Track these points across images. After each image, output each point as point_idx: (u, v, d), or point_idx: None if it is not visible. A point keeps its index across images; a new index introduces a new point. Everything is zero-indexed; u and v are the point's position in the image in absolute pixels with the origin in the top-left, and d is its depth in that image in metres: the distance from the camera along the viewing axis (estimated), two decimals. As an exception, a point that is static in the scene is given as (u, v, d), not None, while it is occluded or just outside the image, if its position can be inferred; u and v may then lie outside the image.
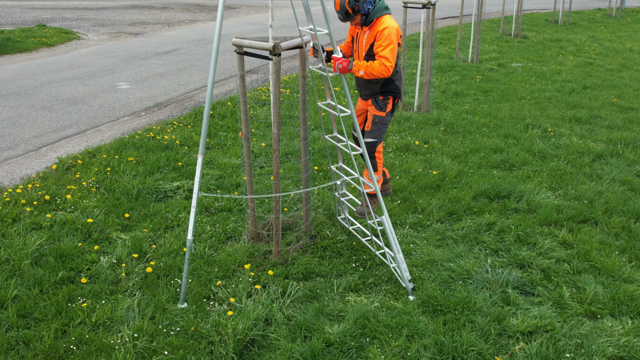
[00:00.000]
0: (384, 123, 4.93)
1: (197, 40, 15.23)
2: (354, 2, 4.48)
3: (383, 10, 4.63)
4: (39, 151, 6.85)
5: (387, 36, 4.46)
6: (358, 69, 4.45)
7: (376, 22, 4.60)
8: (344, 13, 4.56)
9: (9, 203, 5.35)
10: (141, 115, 8.35)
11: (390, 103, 4.89)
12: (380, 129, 4.90)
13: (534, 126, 8.07)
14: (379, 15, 4.59)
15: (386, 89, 4.85)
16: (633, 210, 5.48)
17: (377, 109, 4.90)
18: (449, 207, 5.52)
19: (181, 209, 5.50)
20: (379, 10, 4.61)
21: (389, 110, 4.93)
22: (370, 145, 4.83)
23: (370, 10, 4.58)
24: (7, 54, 12.93)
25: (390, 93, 4.88)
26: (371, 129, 4.91)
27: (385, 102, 4.90)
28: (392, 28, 4.52)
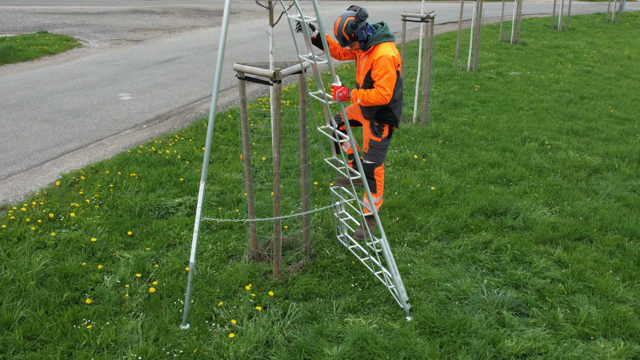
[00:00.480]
0: (380, 148, 4.80)
1: (197, 47, 15.32)
2: (351, 29, 4.40)
3: (382, 38, 4.53)
4: (42, 166, 6.94)
5: (382, 66, 4.39)
6: (356, 98, 4.43)
7: (374, 50, 4.50)
8: (341, 39, 4.52)
9: (13, 221, 5.44)
10: (143, 128, 8.44)
11: (385, 130, 4.79)
12: (377, 154, 4.81)
13: (531, 139, 8.16)
14: (377, 42, 4.49)
15: (381, 116, 4.75)
16: (627, 227, 5.57)
17: (373, 134, 4.80)
18: (446, 225, 5.61)
19: (183, 226, 5.59)
20: (377, 37, 4.52)
21: (385, 137, 4.81)
22: (368, 167, 4.79)
23: (369, 37, 4.54)
24: (9, 62, 13.02)
25: (386, 121, 4.76)
26: (368, 152, 4.82)
27: (380, 128, 4.78)
28: (387, 57, 4.42)
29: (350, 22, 4.38)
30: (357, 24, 4.39)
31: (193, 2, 29.76)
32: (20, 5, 27.86)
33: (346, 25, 4.40)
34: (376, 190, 4.95)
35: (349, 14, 4.45)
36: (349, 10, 4.51)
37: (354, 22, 4.39)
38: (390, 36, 4.58)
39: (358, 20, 4.40)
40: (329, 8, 26.17)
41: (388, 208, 6.01)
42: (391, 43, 4.60)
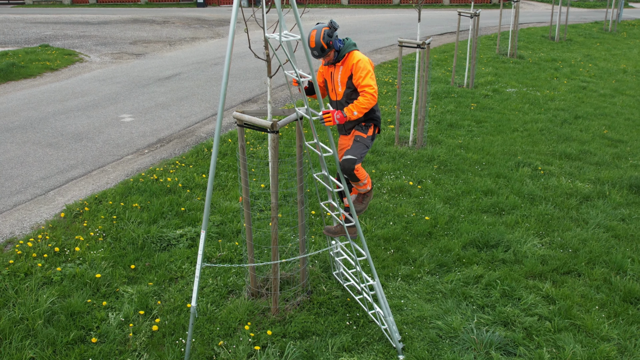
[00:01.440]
0: (364, 143, 5.00)
1: (197, 62, 15.51)
2: (328, 37, 4.69)
3: (352, 47, 4.89)
4: (46, 195, 7.13)
5: (363, 67, 4.74)
6: (351, 113, 4.64)
7: (348, 57, 4.83)
8: (320, 49, 4.73)
9: (20, 256, 5.62)
10: (144, 153, 8.62)
11: (371, 129, 5.07)
12: (360, 148, 4.97)
13: (524, 164, 8.34)
14: (349, 50, 4.84)
15: (368, 117, 5.03)
16: (615, 261, 5.75)
17: (360, 131, 5.07)
18: (439, 258, 5.79)
19: (184, 259, 5.78)
20: (348, 46, 4.87)
21: (370, 135, 5.06)
22: (349, 162, 4.84)
23: (341, 47, 4.83)
24: (12, 80, 13.21)
25: (372, 121, 5.06)
26: (352, 147, 4.98)
27: (367, 126, 5.05)
28: (364, 59, 4.80)
29: (326, 31, 4.68)
30: (332, 32, 4.70)
31: (193, 11, 29.97)
32: (22, 14, 28.07)
33: (323, 34, 4.68)
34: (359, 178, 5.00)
35: (323, 25, 4.75)
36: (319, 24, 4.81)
37: (329, 32, 4.69)
38: (355, 45, 4.97)
39: (333, 29, 4.70)
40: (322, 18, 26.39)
41: (383, 240, 6.19)
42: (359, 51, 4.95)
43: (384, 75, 14.13)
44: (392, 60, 16.15)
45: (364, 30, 22.14)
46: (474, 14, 12.60)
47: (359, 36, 20.66)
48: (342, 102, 4.91)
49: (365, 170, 5.61)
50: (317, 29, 4.73)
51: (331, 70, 4.99)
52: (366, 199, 5.22)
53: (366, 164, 8.25)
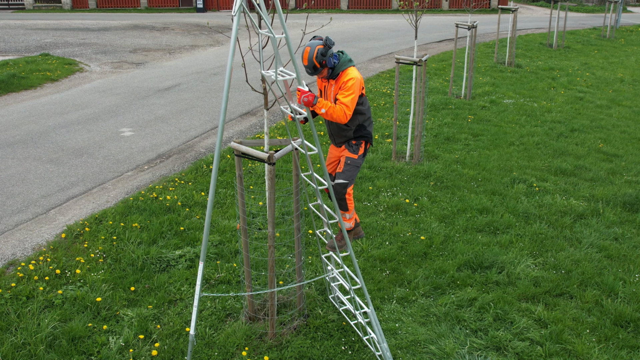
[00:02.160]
0: (355, 165, 5.06)
1: (197, 72, 15.61)
2: (321, 56, 4.66)
3: (347, 63, 4.84)
4: (47, 214, 7.22)
5: (350, 87, 4.71)
6: (321, 107, 4.59)
7: (342, 75, 4.81)
8: (312, 67, 4.72)
9: (22, 279, 5.72)
10: (144, 169, 8.72)
11: (362, 147, 5.08)
12: (351, 171, 5.05)
13: (520, 180, 8.43)
14: (344, 68, 4.80)
15: (359, 134, 5.05)
16: (606, 283, 5.85)
17: (350, 152, 5.08)
18: (434, 280, 5.89)
19: (183, 280, 5.88)
20: (343, 63, 4.83)
21: (361, 154, 5.09)
22: (341, 186, 4.95)
23: (335, 64, 4.80)
24: (12, 91, 13.32)
25: (363, 138, 5.08)
26: (343, 170, 5.04)
27: (357, 145, 5.07)
28: (356, 79, 4.76)
29: (320, 50, 4.64)
30: (326, 51, 4.66)
31: (193, 16, 30.08)
32: (22, 19, 28.19)
33: (316, 53, 4.64)
34: (347, 207, 5.14)
35: (317, 43, 4.70)
36: (314, 39, 4.79)
37: (323, 50, 4.65)
38: (352, 61, 4.92)
39: (327, 48, 4.67)
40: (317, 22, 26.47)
41: (379, 260, 6.29)
42: (355, 68, 4.92)
43: (382, 86, 14.23)
44: (390, 70, 16.25)
45: (363, 38, 22.24)
46: (471, 25, 12.70)
47: (357, 44, 20.78)
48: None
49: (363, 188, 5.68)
50: (311, 45, 4.69)
51: (325, 84, 5.00)
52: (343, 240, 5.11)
53: (364, 181, 8.35)
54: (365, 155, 5.22)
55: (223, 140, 10.17)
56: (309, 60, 4.73)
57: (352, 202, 5.26)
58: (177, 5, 33.89)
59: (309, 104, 4.32)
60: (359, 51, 19.28)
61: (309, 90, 4.34)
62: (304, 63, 4.76)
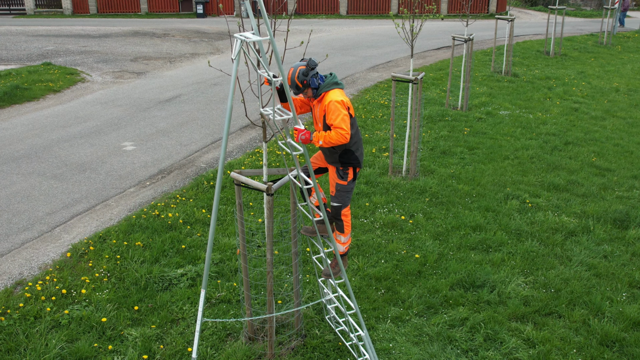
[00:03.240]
0: (346, 190, 5.15)
1: (197, 83, 15.81)
2: (303, 76, 4.81)
3: (331, 85, 4.93)
4: (53, 232, 7.43)
5: (333, 109, 4.81)
6: (317, 140, 4.76)
7: (324, 96, 4.91)
8: (295, 87, 4.89)
9: (30, 299, 5.93)
10: (146, 185, 8.92)
11: (350, 173, 5.13)
12: (343, 196, 5.15)
13: (513, 196, 8.64)
14: (327, 89, 4.90)
15: (345, 159, 5.08)
16: (594, 302, 6.05)
17: (339, 178, 5.15)
18: (427, 299, 6.09)
19: (185, 300, 6.08)
20: (327, 85, 4.92)
21: (350, 179, 5.15)
22: (336, 209, 5.10)
23: (320, 85, 4.93)
24: (16, 103, 13.52)
25: (349, 164, 5.12)
26: (335, 195, 5.16)
27: (345, 171, 5.12)
28: (335, 101, 4.83)
29: (301, 70, 4.81)
30: (308, 71, 4.82)
31: (193, 22, 30.27)
32: (23, 25, 28.38)
33: (298, 73, 4.82)
34: (344, 230, 5.24)
35: (300, 64, 4.88)
36: (301, 61, 4.98)
37: (305, 70, 4.81)
38: (338, 84, 5.01)
39: (309, 68, 4.82)
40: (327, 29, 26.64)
41: (375, 279, 6.49)
42: (340, 90, 5.00)
43: (380, 97, 14.43)
44: (389, 80, 16.44)
45: (361, 45, 22.44)
46: (467, 38, 12.91)
47: (356, 52, 20.97)
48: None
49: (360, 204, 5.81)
50: (294, 67, 4.86)
51: (312, 104, 5.13)
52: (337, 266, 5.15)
53: (360, 197, 8.54)
54: (356, 179, 5.25)
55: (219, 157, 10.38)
56: (292, 80, 4.89)
57: (349, 225, 5.32)
58: (178, 11, 34.10)
59: (306, 142, 4.55)
60: (357, 59, 19.48)
61: (305, 128, 4.56)
62: (288, 83, 4.88)
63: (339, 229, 5.28)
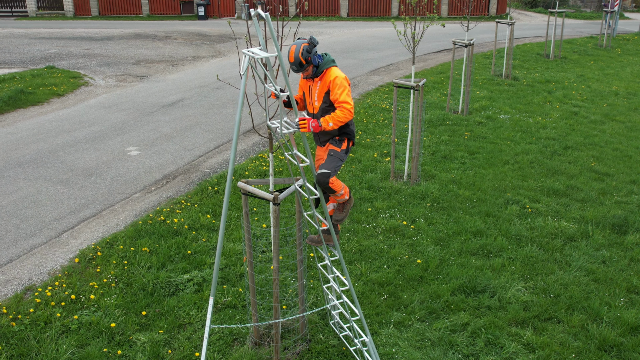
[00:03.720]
0: (338, 157, 5.22)
1: (200, 86, 15.93)
2: (307, 53, 4.92)
3: (330, 63, 5.11)
4: (60, 238, 7.55)
5: (339, 84, 4.98)
6: (327, 124, 4.92)
7: (326, 73, 5.07)
8: (298, 64, 4.96)
9: (40, 304, 6.05)
10: (151, 190, 9.04)
11: (345, 143, 5.28)
12: (334, 162, 5.20)
13: (513, 201, 8.76)
14: (327, 66, 5.07)
15: (342, 131, 5.25)
16: (592, 307, 6.18)
17: (334, 145, 5.29)
18: (429, 305, 6.22)
19: (192, 305, 6.20)
20: (327, 62, 5.09)
21: (344, 149, 5.27)
22: (324, 175, 5.10)
23: (320, 63, 5.08)
24: (20, 107, 13.65)
25: (346, 135, 5.27)
26: (326, 161, 5.23)
27: (341, 141, 5.27)
28: (341, 76, 5.04)
29: (305, 47, 4.90)
30: (311, 49, 4.93)
31: (194, 24, 30.40)
32: (26, 28, 28.51)
33: (302, 50, 4.90)
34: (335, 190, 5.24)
35: (303, 41, 4.97)
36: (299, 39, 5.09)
37: (308, 48, 4.91)
38: (334, 61, 5.20)
39: (312, 45, 4.94)
40: (330, 32, 26.76)
41: (377, 284, 6.61)
42: (337, 67, 5.17)
43: (381, 101, 14.56)
44: (390, 83, 16.57)
45: (362, 48, 22.56)
46: (468, 43, 13.03)
47: (357, 55, 21.10)
48: (317, 115, 5.16)
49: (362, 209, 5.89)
50: (296, 44, 4.95)
51: (309, 84, 5.24)
52: (346, 207, 5.49)
53: (363, 202, 8.67)
54: (348, 152, 5.37)
55: (226, 159, 10.51)
56: (295, 57, 4.96)
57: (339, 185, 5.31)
58: (179, 13, 34.22)
59: (317, 129, 4.79)
60: (358, 63, 19.61)
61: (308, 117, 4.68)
62: (290, 60, 4.97)
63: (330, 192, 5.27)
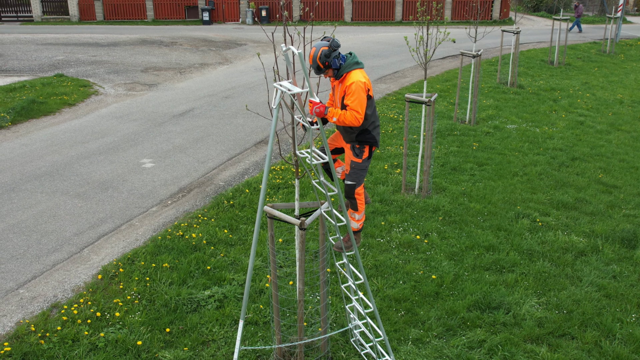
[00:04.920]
0: (361, 168, 5.23)
1: (209, 95, 16.09)
2: (325, 57, 4.88)
3: (353, 66, 5.00)
4: (82, 253, 7.71)
5: (354, 90, 4.87)
6: (332, 115, 4.86)
7: (346, 77, 4.98)
8: (316, 67, 4.95)
9: (66, 322, 6.21)
10: (168, 204, 9.20)
11: (366, 151, 5.22)
12: (358, 174, 5.25)
13: (524, 215, 8.91)
14: (348, 70, 4.98)
15: (362, 138, 5.18)
16: (605, 324, 6.33)
17: (354, 156, 5.25)
18: (446, 321, 6.37)
19: (214, 322, 6.36)
20: (348, 65, 5.00)
21: (365, 157, 5.24)
22: (350, 187, 5.22)
23: (341, 65, 4.99)
24: (33, 117, 13.82)
25: (366, 142, 5.20)
26: (350, 173, 5.27)
27: (361, 149, 5.21)
28: (358, 83, 4.90)
29: (324, 51, 4.89)
30: (330, 53, 4.89)
31: (199, 29, 30.57)
32: (32, 33, 28.69)
33: (320, 54, 4.88)
34: (357, 208, 5.39)
35: (323, 44, 4.94)
36: (322, 40, 5.06)
37: (327, 52, 4.89)
38: (359, 63, 5.10)
39: (331, 49, 4.90)
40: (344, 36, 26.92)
41: (394, 300, 6.77)
42: (361, 70, 5.10)
43: (389, 111, 14.71)
44: (397, 92, 16.74)
45: (368, 55, 22.72)
46: (475, 54, 13.19)
47: (363, 62, 21.22)
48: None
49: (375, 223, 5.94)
50: (316, 47, 4.93)
51: (334, 83, 5.22)
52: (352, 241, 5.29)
53: (376, 215, 8.82)
54: (370, 157, 5.34)
55: (239, 171, 10.67)
56: (313, 61, 4.95)
57: (362, 202, 5.45)
58: (184, 17, 34.39)
59: (320, 115, 4.56)
60: (365, 70, 19.73)
61: (319, 101, 4.59)
62: (309, 63, 4.95)
63: (352, 207, 5.40)
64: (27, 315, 6.41)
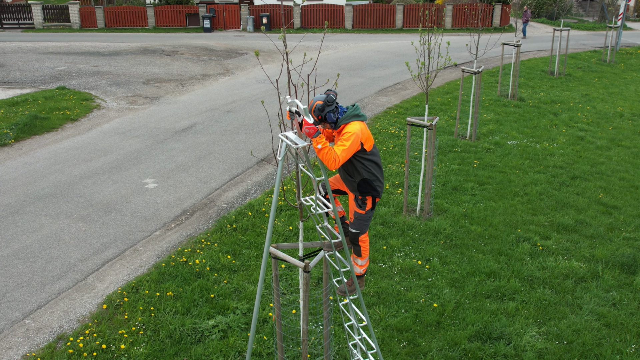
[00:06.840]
0: (364, 219, 5.28)
1: (211, 110, 16.17)
2: (319, 111, 4.95)
3: (351, 118, 5.03)
4: (86, 281, 7.78)
5: (345, 138, 4.91)
6: (317, 143, 4.76)
7: (343, 128, 5.04)
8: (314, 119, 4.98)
9: (72, 355, 6.28)
10: (171, 228, 9.27)
11: (369, 202, 5.25)
12: (361, 224, 5.31)
13: (524, 239, 8.98)
14: (346, 122, 5.02)
15: (363, 189, 5.20)
16: (605, 356, 6.40)
17: (357, 207, 5.32)
18: (447, 353, 6.44)
19: (218, 353, 6.43)
20: (347, 117, 5.03)
21: (369, 209, 5.28)
22: (354, 235, 5.30)
23: (339, 118, 5.03)
24: (36, 134, 13.89)
25: (368, 194, 5.23)
26: (354, 222, 5.32)
27: (364, 201, 5.25)
28: (352, 134, 4.93)
29: (317, 105, 4.97)
30: (324, 107, 4.96)
31: (200, 37, 30.64)
32: (33, 41, 28.77)
33: (314, 108, 5.00)
34: (361, 254, 5.46)
35: (319, 98, 5.03)
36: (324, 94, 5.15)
37: (321, 106, 4.97)
38: (360, 116, 5.13)
39: (325, 104, 4.98)
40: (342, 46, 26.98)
41: (396, 330, 6.84)
42: (361, 122, 5.11)
43: (390, 126, 14.78)
44: (398, 105, 16.81)
45: (368, 65, 22.79)
46: (476, 71, 13.26)
47: (364, 72, 21.32)
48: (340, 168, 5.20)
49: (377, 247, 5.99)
50: (314, 100, 5.01)
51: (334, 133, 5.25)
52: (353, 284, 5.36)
53: (377, 239, 8.89)
54: (374, 208, 5.45)
55: (242, 192, 10.74)
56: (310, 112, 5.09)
57: (367, 249, 5.48)
58: (185, 25, 34.47)
59: (310, 135, 4.58)
60: (365, 81, 19.84)
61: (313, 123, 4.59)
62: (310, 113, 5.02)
63: (357, 253, 5.47)
64: (34, 348, 6.48)
